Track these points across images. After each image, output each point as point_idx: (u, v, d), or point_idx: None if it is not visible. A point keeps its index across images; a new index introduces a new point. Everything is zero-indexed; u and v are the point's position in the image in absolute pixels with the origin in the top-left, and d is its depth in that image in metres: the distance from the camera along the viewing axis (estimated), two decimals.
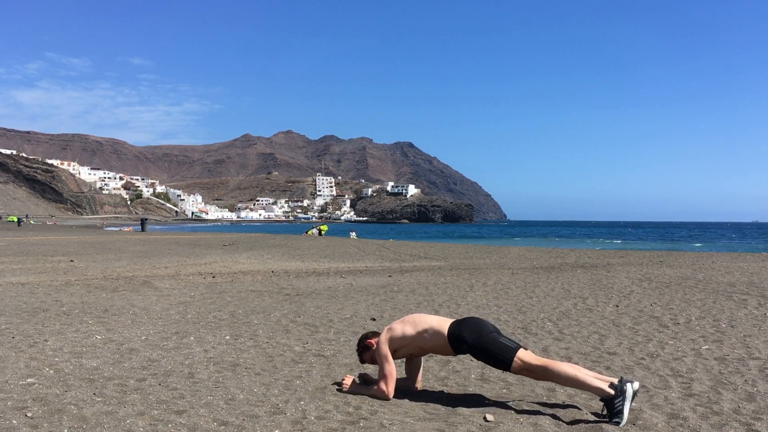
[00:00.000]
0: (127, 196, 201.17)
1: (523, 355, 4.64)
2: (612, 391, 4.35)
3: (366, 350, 5.23)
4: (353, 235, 51.33)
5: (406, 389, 5.14)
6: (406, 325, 5.01)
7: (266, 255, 24.23)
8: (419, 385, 5.22)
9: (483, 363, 5.14)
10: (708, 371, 5.80)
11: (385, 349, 4.96)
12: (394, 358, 5.02)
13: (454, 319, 5.01)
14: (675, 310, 9.60)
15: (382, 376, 4.93)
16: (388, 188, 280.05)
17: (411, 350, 5.04)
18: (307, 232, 54.78)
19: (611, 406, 4.33)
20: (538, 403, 4.81)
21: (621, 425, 4.23)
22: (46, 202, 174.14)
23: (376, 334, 5.25)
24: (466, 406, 4.69)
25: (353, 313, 9.29)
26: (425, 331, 4.92)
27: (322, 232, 52.32)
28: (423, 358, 5.30)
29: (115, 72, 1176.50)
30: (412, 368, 5.22)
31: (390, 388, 4.90)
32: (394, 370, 4.94)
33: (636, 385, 4.41)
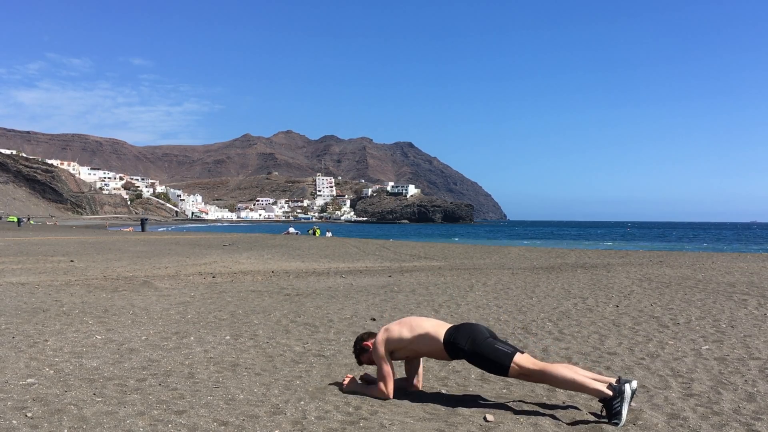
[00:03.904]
0: (127, 196, 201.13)
1: (520, 360, 4.62)
2: (610, 393, 4.35)
3: (363, 352, 5.21)
4: (329, 234, 56.46)
5: (405, 389, 5.14)
6: (403, 328, 4.98)
7: (266, 255, 24.23)
8: (420, 385, 5.22)
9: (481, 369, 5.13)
10: (708, 371, 5.80)
11: (382, 350, 4.96)
12: (392, 359, 5.02)
13: (450, 325, 4.97)
14: (675, 310, 9.60)
15: (381, 376, 4.94)
16: (388, 188, 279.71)
17: (407, 353, 5.04)
18: (290, 232, 60.76)
19: (609, 407, 4.34)
20: (538, 404, 4.81)
21: (619, 426, 4.23)
22: (46, 202, 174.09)
23: (373, 335, 5.23)
24: (466, 406, 4.69)
25: (353, 313, 9.28)
26: (422, 336, 4.90)
27: (317, 233, 57.32)
28: (422, 359, 5.29)
29: (116, 72, 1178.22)
30: (411, 368, 5.23)
31: (389, 388, 4.91)
32: (391, 370, 4.95)
33: (634, 384, 4.40)
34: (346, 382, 5.13)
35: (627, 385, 4.33)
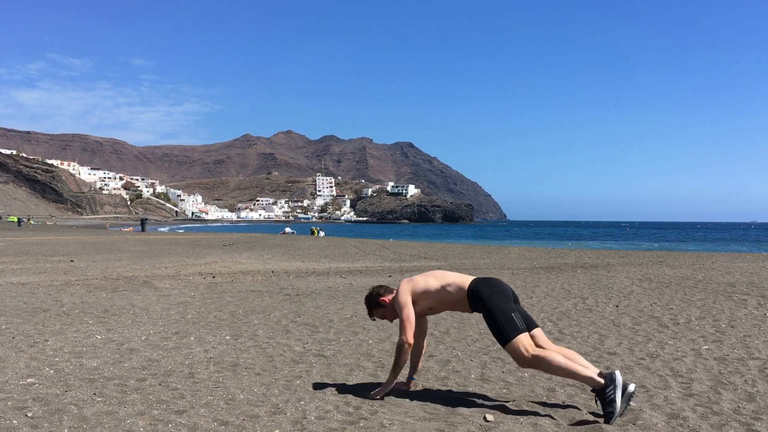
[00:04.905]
0: (127, 197, 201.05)
1: (523, 340, 4.55)
2: (602, 380, 4.34)
3: (378, 306, 5.13)
4: (321, 234, 57.90)
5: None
6: (429, 278, 4.92)
7: (266, 255, 24.22)
8: (424, 347, 5.26)
9: (488, 330, 5.09)
10: (708, 371, 5.80)
11: (405, 298, 4.88)
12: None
13: (475, 276, 4.94)
14: (675, 310, 9.60)
15: (402, 322, 4.85)
16: (388, 188, 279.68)
17: (430, 304, 4.95)
18: (286, 232, 61.79)
19: (603, 395, 4.32)
20: (538, 403, 4.81)
21: (615, 415, 4.22)
22: (46, 202, 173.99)
23: (389, 290, 5.14)
24: (466, 406, 4.69)
25: (353, 313, 9.28)
26: (448, 284, 4.85)
27: (315, 233, 58.12)
28: (425, 343, 5.27)
29: (116, 72, 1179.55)
30: (419, 331, 5.15)
31: (410, 333, 4.81)
32: (413, 314, 4.86)
33: (632, 387, 4.37)
34: (376, 394, 4.91)
35: (618, 372, 4.34)
